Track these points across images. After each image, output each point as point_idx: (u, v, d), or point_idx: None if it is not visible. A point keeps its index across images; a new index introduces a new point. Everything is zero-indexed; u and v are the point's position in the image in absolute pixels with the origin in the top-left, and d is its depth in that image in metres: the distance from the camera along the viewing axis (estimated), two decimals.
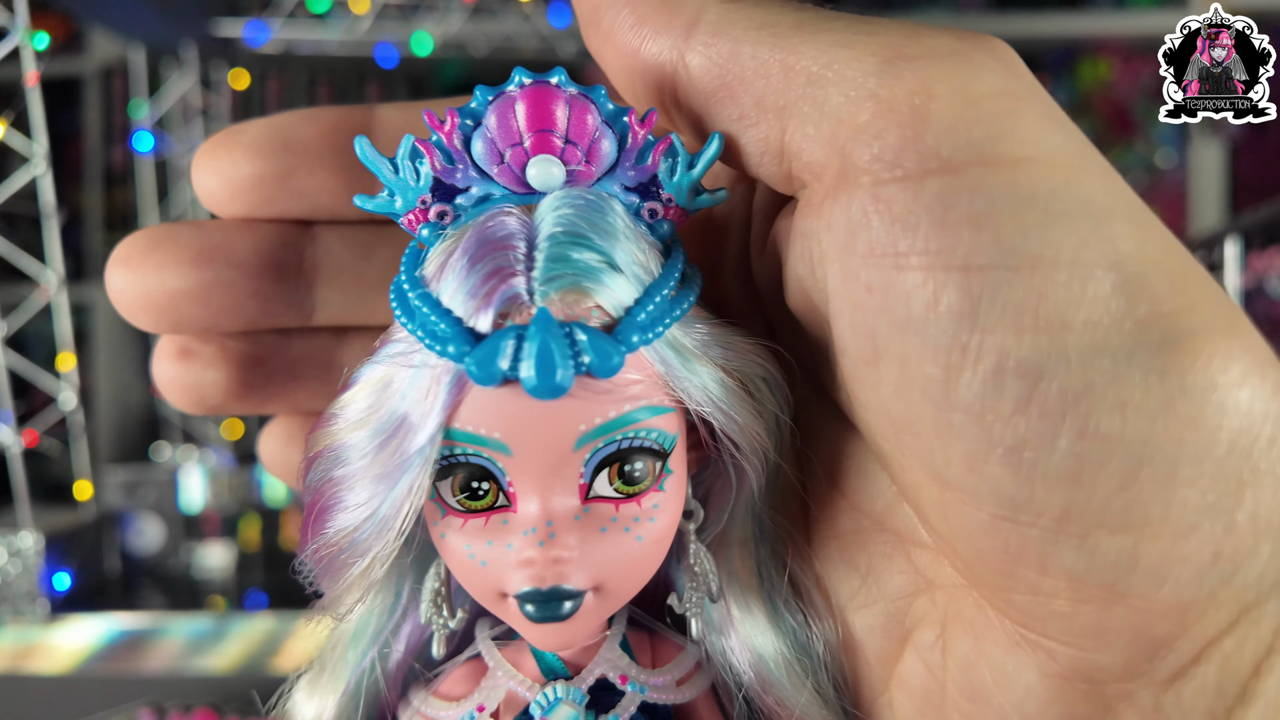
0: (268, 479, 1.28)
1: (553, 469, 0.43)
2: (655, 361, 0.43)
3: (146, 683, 1.03)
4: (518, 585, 0.43)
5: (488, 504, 0.43)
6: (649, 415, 0.43)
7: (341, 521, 0.44)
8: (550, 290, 0.41)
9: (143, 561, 1.25)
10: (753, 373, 0.46)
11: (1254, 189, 1.73)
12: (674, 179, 0.45)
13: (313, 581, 0.48)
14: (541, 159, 0.44)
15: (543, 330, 0.40)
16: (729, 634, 0.50)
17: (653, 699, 0.48)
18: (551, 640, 0.45)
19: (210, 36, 1.40)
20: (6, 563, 1.01)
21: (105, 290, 0.48)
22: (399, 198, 0.44)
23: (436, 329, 0.41)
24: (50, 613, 1.03)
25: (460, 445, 0.42)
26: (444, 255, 0.45)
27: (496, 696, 0.48)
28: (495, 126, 0.44)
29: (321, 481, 0.46)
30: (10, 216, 1.02)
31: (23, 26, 0.97)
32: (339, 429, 0.46)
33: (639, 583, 0.48)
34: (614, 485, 0.43)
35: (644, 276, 0.43)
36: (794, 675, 0.49)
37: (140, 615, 1.05)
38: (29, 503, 1.02)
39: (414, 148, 0.46)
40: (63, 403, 1.05)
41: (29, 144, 0.99)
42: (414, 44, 1.39)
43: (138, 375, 1.85)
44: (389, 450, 0.43)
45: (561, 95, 0.43)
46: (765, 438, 0.46)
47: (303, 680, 0.54)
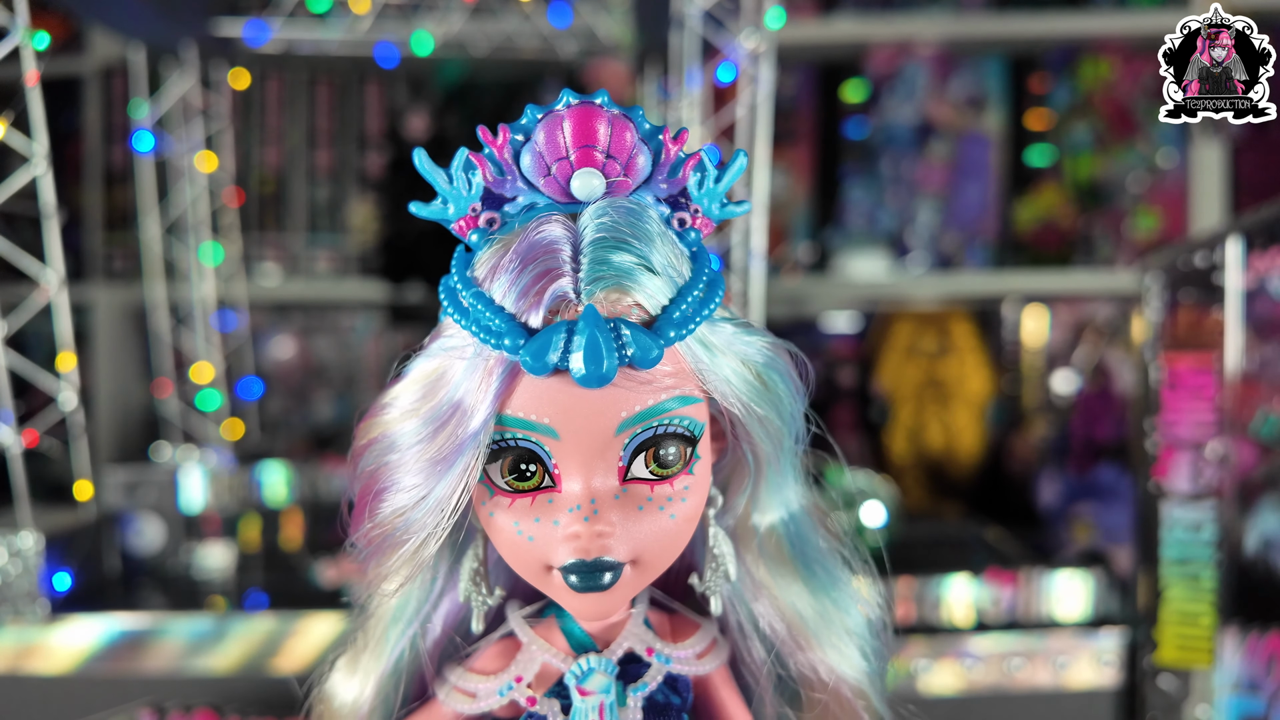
0: (268, 479, 1.28)
1: (596, 452, 0.48)
2: (687, 356, 0.48)
3: (147, 683, 1.03)
4: (564, 558, 0.48)
5: (534, 484, 0.48)
6: (681, 404, 0.48)
7: (396, 503, 0.49)
8: (595, 289, 0.46)
9: (143, 562, 1.24)
10: (769, 367, 0.50)
11: (1254, 189, 1.72)
12: (701, 191, 0.50)
13: (363, 561, 0.52)
14: (585, 172, 0.49)
15: (591, 325, 0.45)
16: (760, 600, 0.54)
17: (676, 670, 0.54)
18: (591, 609, 0.50)
19: (210, 36, 1.40)
20: (6, 563, 1.01)
21: (105, 290, 0.49)
22: (451, 205, 0.50)
23: (491, 324, 0.46)
24: (50, 613, 1.03)
25: (511, 430, 0.47)
26: (495, 258, 0.48)
27: (532, 669, 0.53)
28: (544, 141, 0.49)
29: (375, 467, 0.49)
30: (10, 216, 1.02)
31: (23, 26, 0.96)
32: (391, 417, 0.49)
33: (671, 557, 0.51)
34: (649, 468, 0.49)
35: (677, 278, 0.48)
36: (833, 629, 0.53)
37: (140, 615, 1.05)
38: (29, 503, 1.02)
39: (468, 160, 0.50)
40: (63, 403, 1.05)
41: (29, 144, 0.99)
42: (414, 44, 1.39)
43: (138, 375, 1.85)
44: (444, 435, 0.47)
45: (604, 114, 0.49)
46: (779, 426, 0.50)
47: (341, 660, 0.58)
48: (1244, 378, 0.98)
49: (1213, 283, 0.99)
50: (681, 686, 0.54)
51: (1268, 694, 0.96)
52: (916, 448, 1.87)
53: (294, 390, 1.94)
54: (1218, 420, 0.99)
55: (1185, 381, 1.00)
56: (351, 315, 1.94)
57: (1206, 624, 1.00)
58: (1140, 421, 1.03)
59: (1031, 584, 1.10)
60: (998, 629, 1.06)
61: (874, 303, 1.93)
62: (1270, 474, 0.97)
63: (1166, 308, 1.02)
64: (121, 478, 1.24)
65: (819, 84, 1.89)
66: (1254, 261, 0.97)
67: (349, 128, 1.87)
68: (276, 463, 1.29)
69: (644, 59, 1.51)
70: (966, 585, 1.10)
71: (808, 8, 1.81)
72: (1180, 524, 1.01)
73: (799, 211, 1.88)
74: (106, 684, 1.03)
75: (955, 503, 1.84)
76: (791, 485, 0.54)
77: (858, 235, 1.83)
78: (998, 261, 1.84)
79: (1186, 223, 1.78)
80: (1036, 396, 1.89)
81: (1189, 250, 1.00)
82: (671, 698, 0.53)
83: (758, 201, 1.16)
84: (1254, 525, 0.98)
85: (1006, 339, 1.91)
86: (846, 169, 1.87)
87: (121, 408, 1.84)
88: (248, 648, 1.04)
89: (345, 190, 1.87)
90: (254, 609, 1.07)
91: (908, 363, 1.88)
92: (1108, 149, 1.79)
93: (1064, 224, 1.79)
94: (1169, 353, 1.01)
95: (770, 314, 1.70)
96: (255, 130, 1.86)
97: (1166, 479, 1.01)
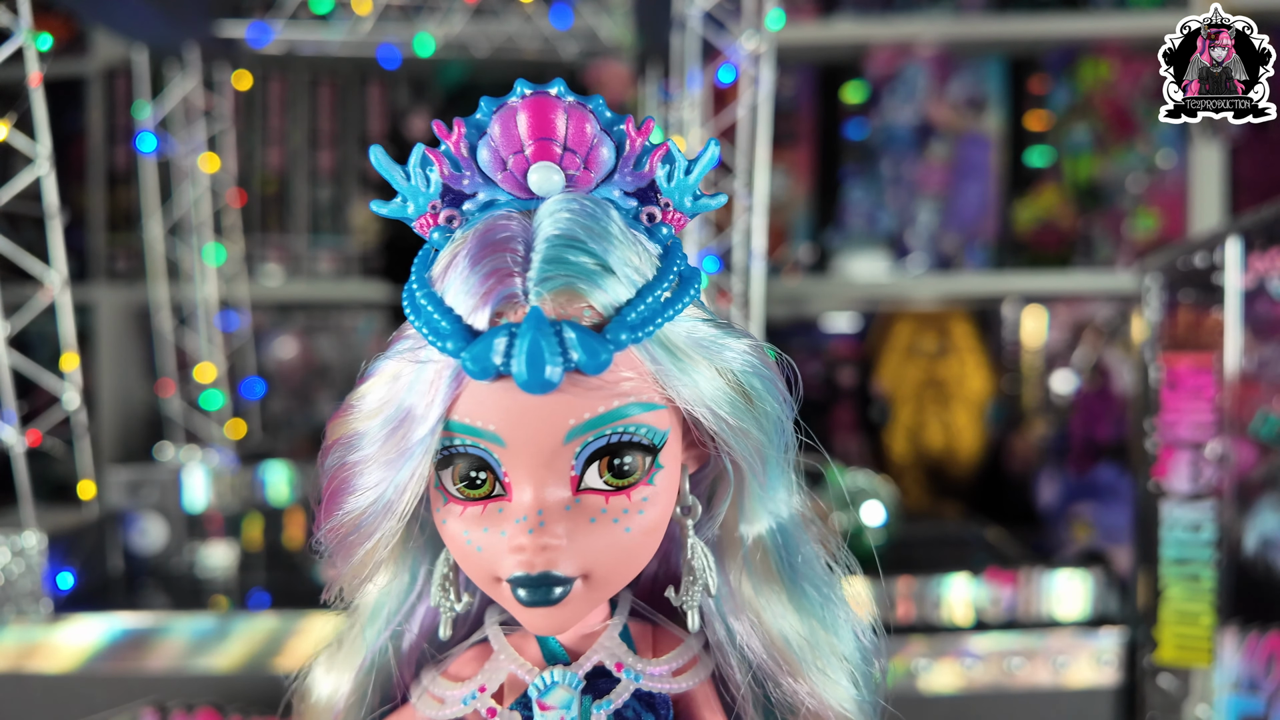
0: (271, 479, 1.29)
1: (544, 461, 0.45)
2: (646, 360, 0.45)
3: (149, 681, 1.03)
4: (509, 570, 0.45)
5: (485, 493, 0.46)
6: (640, 411, 0.45)
7: (352, 504, 0.48)
8: (544, 290, 0.43)
9: (146, 561, 1.25)
10: (750, 374, 0.48)
11: (1254, 189, 1.73)
12: (671, 184, 0.48)
13: (329, 558, 0.50)
14: (542, 165, 0.46)
15: (533, 328, 0.42)
16: (740, 618, 0.51)
17: (648, 687, 0.51)
18: (543, 623, 0.48)
19: (213, 38, 1.40)
20: (10, 562, 1.01)
21: (108, 290, 0.50)
22: (411, 203, 0.48)
23: (439, 325, 0.44)
24: (53, 612, 1.03)
25: (459, 436, 0.45)
26: (449, 257, 0.46)
27: (498, 678, 0.52)
28: (499, 135, 0.46)
29: (337, 466, 0.48)
30: (14, 217, 1.02)
31: (26, 28, 0.97)
32: (355, 418, 0.48)
33: (628, 572, 0.49)
34: (604, 478, 0.46)
35: (637, 279, 0.45)
36: (821, 654, 0.50)
37: (143, 614, 1.05)
38: (32, 502, 1.03)
39: (424, 156, 0.48)
40: (66, 403, 1.06)
41: (32, 145, 1.00)
42: (416, 45, 1.39)
43: (141, 375, 1.86)
44: (395, 439, 0.46)
45: (561, 105, 0.46)
46: (758, 435, 0.47)
47: (322, 657, 0.57)
48: (1243, 378, 0.98)
49: (1212, 283, 0.99)
50: (659, 704, 0.51)
51: (1267, 693, 0.96)
52: (916, 448, 1.87)
53: (296, 390, 1.94)
54: (1217, 420, 0.99)
55: (1185, 381, 1.01)
56: (353, 315, 1.94)
57: (1206, 623, 1.00)
58: (1140, 421, 1.04)
59: (1031, 583, 1.10)
60: (997, 628, 1.07)
61: (874, 303, 1.93)
62: (1269, 474, 0.97)
63: (1166, 308, 1.02)
64: (124, 477, 1.25)
65: (819, 85, 1.89)
66: (1253, 262, 0.97)
67: (351, 129, 1.88)
68: (279, 462, 1.29)
69: (645, 60, 1.51)
70: (966, 585, 1.10)
71: (808, 9, 1.82)
72: (1180, 524, 1.01)
73: (799, 212, 1.89)
74: (109, 683, 1.03)
75: (955, 502, 1.84)
76: (780, 495, 0.51)
77: (858, 236, 1.83)
78: (997, 262, 1.84)
79: (1186, 223, 1.78)
80: (1036, 396, 1.90)
81: (1188, 251, 1.01)
82: (644, 714, 0.50)
83: (758, 202, 1.17)
84: (1253, 525, 0.98)
85: (1006, 339, 1.91)
86: (846, 170, 1.87)
87: (124, 407, 1.84)
88: (250, 647, 1.04)
89: (347, 191, 1.88)
90: (256, 608, 1.07)
91: (908, 363, 1.88)
92: (1107, 150, 1.79)
93: (1063, 224, 1.80)
94: (1168, 353, 1.01)
95: (770, 314, 1.70)
96: (258, 131, 1.87)
97: (1166, 479, 1.02)
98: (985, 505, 1.81)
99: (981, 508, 1.79)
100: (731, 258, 1.20)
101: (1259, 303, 0.97)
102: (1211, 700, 1.00)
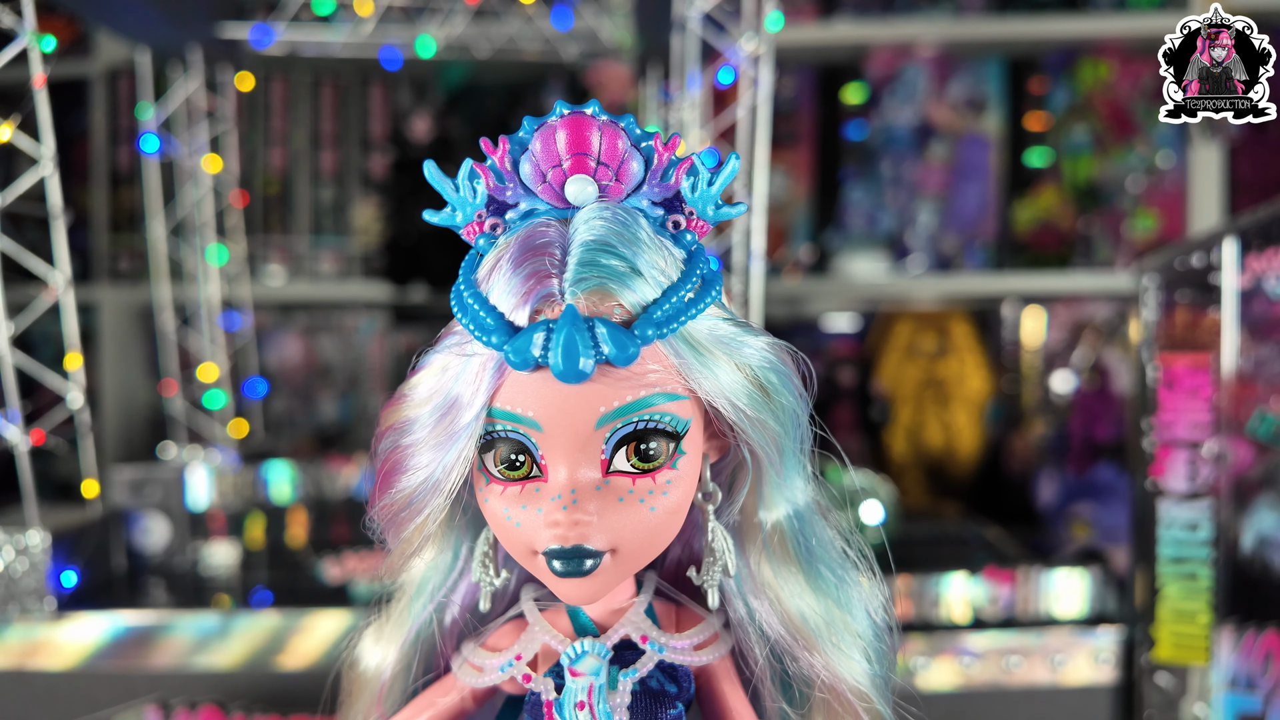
0: (273, 478, 1.29)
1: (578, 445, 0.50)
2: (671, 354, 0.50)
3: (152, 679, 1.04)
4: (545, 543, 0.50)
5: (524, 474, 0.51)
6: (664, 401, 0.50)
7: (404, 483, 0.53)
8: (578, 290, 0.48)
9: (149, 559, 1.25)
10: (768, 370, 0.52)
11: (1253, 190, 1.73)
12: (695, 194, 0.52)
13: (380, 534, 0.55)
14: (578, 178, 0.51)
15: (568, 324, 0.47)
16: (761, 598, 0.55)
17: (671, 659, 0.55)
18: (575, 593, 0.52)
19: (215, 39, 1.41)
20: (14, 560, 1.02)
21: (111, 290, 0.52)
22: (459, 212, 0.53)
23: (484, 322, 0.49)
24: (57, 610, 1.04)
25: (500, 422, 0.50)
26: (493, 260, 0.51)
27: (533, 648, 0.57)
28: (539, 151, 0.51)
29: (391, 449, 0.53)
30: (17, 218, 1.03)
31: (30, 29, 0.97)
32: (408, 405, 0.53)
33: (653, 548, 0.53)
34: (631, 461, 0.50)
35: (663, 280, 0.50)
36: (836, 631, 0.54)
37: (146, 613, 1.06)
38: (36, 501, 1.03)
39: (472, 170, 0.52)
40: (70, 402, 1.06)
41: (36, 146, 1.00)
42: (418, 46, 1.40)
43: (144, 375, 1.86)
44: (444, 424, 0.51)
45: (595, 123, 0.51)
46: (775, 427, 0.51)
47: (370, 629, 0.62)
48: (1240, 377, 0.99)
49: (1209, 283, 0.99)
50: (681, 676, 0.56)
51: (1264, 691, 0.97)
52: (916, 447, 1.88)
53: (298, 390, 1.95)
54: (1214, 420, 1.00)
55: (1182, 381, 1.01)
56: (355, 315, 1.95)
57: (1203, 622, 1.00)
58: (1137, 421, 1.04)
59: (1029, 582, 1.11)
60: (996, 626, 1.07)
61: (874, 303, 1.94)
62: (1266, 473, 0.98)
63: (1163, 308, 1.02)
64: (128, 476, 1.25)
65: (819, 86, 1.90)
66: (1250, 262, 0.98)
67: (353, 130, 1.88)
68: (281, 462, 1.30)
69: (645, 62, 1.52)
70: (965, 583, 1.10)
71: (807, 10, 1.82)
72: (1177, 523, 1.01)
73: (799, 213, 1.89)
74: (112, 680, 1.04)
75: (954, 502, 1.84)
76: (797, 483, 0.55)
77: (858, 236, 1.84)
78: (997, 262, 1.85)
79: (1185, 223, 1.79)
80: (1035, 396, 1.90)
81: (1186, 251, 1.01)
82: (667, 685, 0.54)
83: (758, 203, 1.17)
84: (1250, 524, 0.98)
85: (1005, 339, 1.91)
86: (846, 170, 1.87)
87: (127, 407, 1.85)
88: (252, 645, 1.05)
89: (349, 192, 1.88)
90: (259, 606, 1.07)
91: (907, 363, 1.89)
92: (1106, 150, 1.79)
93: (1063, 225, 1.80)
94: (1166, 353, 1.02)
95: (770, 314, 1.71)
96: (260, 132, 1.87)
97: (1163, 478, 1.02)
98: (984, 505, 1.81)
99: (981, 507, 1.79)
100: (731, 258, 1.20)
101: (1256, 303, 0.98)
102: (1208, 698, 1.00)
